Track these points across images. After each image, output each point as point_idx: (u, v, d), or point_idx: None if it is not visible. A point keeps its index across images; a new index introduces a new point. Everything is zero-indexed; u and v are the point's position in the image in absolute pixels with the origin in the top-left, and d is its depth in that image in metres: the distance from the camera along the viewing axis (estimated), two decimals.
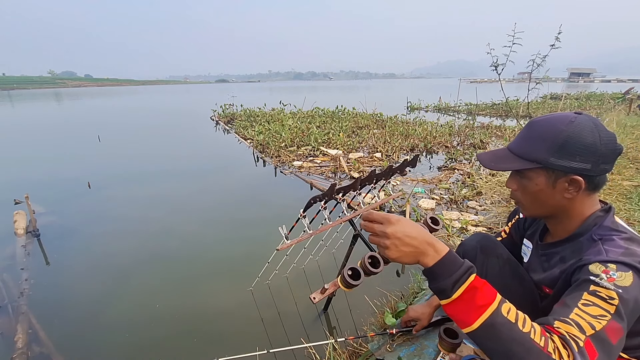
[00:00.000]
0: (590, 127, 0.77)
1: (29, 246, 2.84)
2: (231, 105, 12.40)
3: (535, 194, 0.85)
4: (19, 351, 1.71)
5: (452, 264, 0.66)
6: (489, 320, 0.63)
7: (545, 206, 0.86)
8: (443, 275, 0.66)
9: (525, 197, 0.89)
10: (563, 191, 0.81)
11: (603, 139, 0.76)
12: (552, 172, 0.81)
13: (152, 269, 2.56)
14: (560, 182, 0.81)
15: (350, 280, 1.43)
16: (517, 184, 0.89)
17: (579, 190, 0.80)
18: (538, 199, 0.86)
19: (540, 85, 5.27)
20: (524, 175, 0.86)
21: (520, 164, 0.84)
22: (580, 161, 0.77)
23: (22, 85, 76.69)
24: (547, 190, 0.83)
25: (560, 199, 0.83)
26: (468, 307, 0.64)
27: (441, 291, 0.67)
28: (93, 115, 15.23)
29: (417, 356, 1.41)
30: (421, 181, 4.20)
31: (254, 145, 6.70)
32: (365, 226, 0.71)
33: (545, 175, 0.82)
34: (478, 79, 79.68)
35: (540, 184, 0.83)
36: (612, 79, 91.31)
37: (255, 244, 2.86)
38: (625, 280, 0.66)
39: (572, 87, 32.07)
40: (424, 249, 0.67)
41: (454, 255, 0.68)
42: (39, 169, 5.52)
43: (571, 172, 0.78)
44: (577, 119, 0.78)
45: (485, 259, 1.09)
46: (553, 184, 0.82)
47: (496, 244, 1.14)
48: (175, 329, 1.92)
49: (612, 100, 12.85)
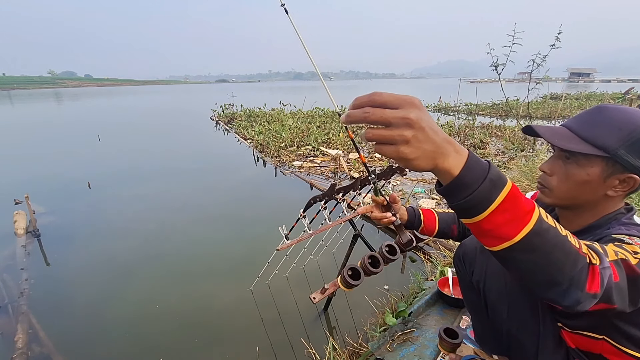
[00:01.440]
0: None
1: (29, 246, 2.84)
2: (231, 105, 12.40)
3: (579, 183, 0.78)
4: (19, 351, 1.71)
5: (479, 166, 0.49)
6: (537, 227, 0.51)
7: (579, 198, 0.81)
8: (475, 181, 0.48)
9: (563, 185, 0.82)
10: (609, 187, 0.76)
11: None
12: (612, 165, 0.74)
13: (152, 269, 2.56)
14: (614, 178, 0.75)
15: (350, 280, 1.43)
16: (560, 168, 0.81)
17: (627, 190, 0.75)
18: (579, 189, 0.79)
19: (540, 85, 5.26)
20: (576, 160, 0.78)
21: (585, 147, 0.75)
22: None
23: (22, 85, 76.75)
24: (595, 183, 0.77)
25: (600, 195, 0.78)
26: (513, 215, 0.50)
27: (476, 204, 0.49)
28: (93, 115, 15.23)
29: (417, 356, 1.41)
30: (421, 181, 4.20)
31: (254, 145, 6.70)
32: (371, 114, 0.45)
33: (603, 166, 0.75)
34: (478, 79, 79.73)
35: (592, 174, 0.76)
36: (612, 79, 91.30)
37: (255, 244, 2.86)
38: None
39: (572, 87, 32.07)
40: (445, 148, 0.47)
41: (476, 156, 0.50)
42: (39, 169, 5.52)
43: (632, 171, 0.73)
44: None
45: (485, 260, 1.04)
46: (605, 178, 0.76)
47: None
48: (176, 328, 1.93)
49: (612, 100, 12.85)
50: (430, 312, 1.70)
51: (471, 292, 1.09)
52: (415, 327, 1.59)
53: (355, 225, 1.83)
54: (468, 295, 1.12)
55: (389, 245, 1.61)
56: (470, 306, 1.14)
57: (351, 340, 1.64)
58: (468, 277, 1.08)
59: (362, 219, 3.13)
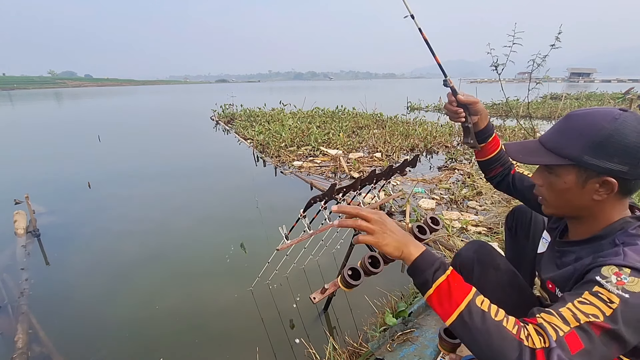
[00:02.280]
0: (635, 127, 0.71)
1: (29, 246, 2.84)
2: (231, 105, 12.40)
3: (561, 192, 0.80)
4: (19, 351, 1.71)
5: (431, 258, 0.74)
6: (466, 310, 0.67)
7: (570, 206, 0.82)
8: (425, 267, 0.73)
9: (550, 195, 0.84)
10: (592, 192, 0.76)
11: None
12: (584, 171, 0.75)
13: (152, 269, 2.56)
14: (591, 183, 0.75)
15: (350, 280, 1.43)
16: (544, 179, 0.84)
17: (610, 192, 0.75)
18: (564, 197, 0.81)
19: (540, 85, 5.26)
20: (552, 171, 0.81)
21: (550, 158, 0.79)
22: (617, 162, 0.71)
23: (22, 85, 76.73)
24: (575, 190, 0.78)
25: (587, 200, 0.78)
26: (448, 298, 0.69)
27: (423, 283, 0.73)
28: (93, 115, 15.23)
29: (417, 356, 1.41)
30: (421, 181, 4.20)
31: (254, 145, 6.70)
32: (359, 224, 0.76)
33: (576, 173, 0.76)
34: (478, 79, 79.70)
35: (569, 182, 0.78)
36: (612, 79, 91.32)
37: (255, 244, 2.86)
38: (636, 286, 0.63)
39: (572, 87, 32.07)
40: (404, 243, 0.75)
41: (431, 252, 0.76)
42: (39, 168, 5.51)
43: (605, 174, 0.73)
44: (621, 116, 0.72)
45: (482, 271, 1.05)
46: (583, 184, 0.76)
47: (493, 253, 1.10)
48: (176, 328, 1.93)
49: (612, 100, 12.85)
50: (430, 312, 1.70)
51: None
52: (415, 327, 1.59)
53: None
54: None
55: None
56: None
57: (351, 340, 1.64)
58: None
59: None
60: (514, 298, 1.00)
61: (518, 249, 1.27)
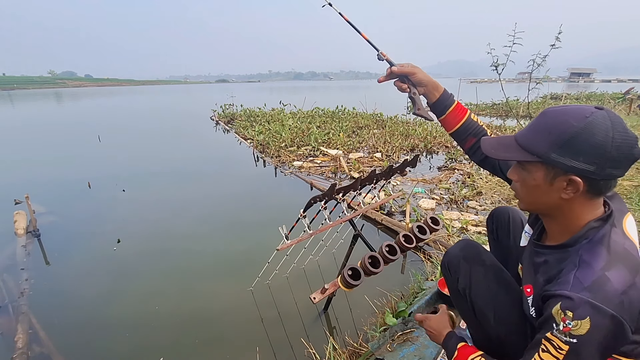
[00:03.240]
0: (605, 126, 0.70)
1: (29, 246, 2.84)
2: (231, 105, 12.40)
3: (532, 188, 0.82)
4: (19, 351, 1.71)
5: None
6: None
7: (540, 203, 0.83)
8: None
9: (522, 191, 0.85)
10: (560, 190, 0.77)
11: (616, 141, 0.70)
12: (551, 169, 0.76)
13: (152, 269, 2.56)
14: (559, 181, 0.76)
15: (350, 280, 1.43)
16: (518, 175, 0.85)
17: (577, 192, 0.75)
18: (534, 194, 0.82)
19: (540, 85, 5.27)
20: (524, 167, 0.82)
21: (520, 155, 0.80)
22: (583, 161, 0.71)
23: (22, 85, 76.71)
24: (543, 187, 0.79)
25: (556, 199, 0.78)
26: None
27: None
28: (93, 115, 15.24)
29: (417, 356, 1.41)
30: (421, 181, 4.21)
31: (254, 145, 6.70)
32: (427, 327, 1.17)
33: (545, 171, 0.77)
34: (478, 79, 79.70)
35: (538, 179, 0.79)
36: (612, 79, 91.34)
37: (256, 244, 2.86)
38: (580, 329, 0.66)
39: (572, 87, 32.07)
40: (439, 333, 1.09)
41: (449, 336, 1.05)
42: (39, 169, 5.52)
43: (571, 172, 0.73)
44: (592, 114, 0.71)
45: (469, 268, 1.07)
46: (551, 182, 0.77)
47: (479, 250, 1.11)
48: (176, 328, 1.93)
49: (613, 100, 12.84)
50: (430, 312, 1.70)
51: (460, 299, 1.11)
52: (415, 327, 1.59)
53: (355, 225, 1.83)
54: (457, 302, 1.14)
55: (389, 245, 1.61)
56: (462, 313, 1.15)
57: (351, 340, 1.64)
58: (455, 285, 1.10)
59: (363, 219, 3.13)
60: (501, 292, 1.02)
61: (502, 250, 1.28)
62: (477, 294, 1.03)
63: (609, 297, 0.66)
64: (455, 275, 1.09)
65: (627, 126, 0.73)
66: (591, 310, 0.66)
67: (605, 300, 0.66)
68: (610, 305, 0.66)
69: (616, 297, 0.66)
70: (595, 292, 0.67)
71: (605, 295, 0.66)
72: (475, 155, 1.16)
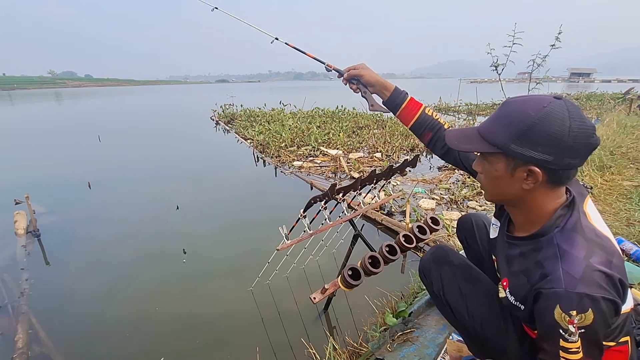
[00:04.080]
0: (562, 116, 0.70)
1: (29, 246, 2.84)
2: (231, 105, 12.39)
3: (494, 179, 0.82)
4: (19, 351, 1.71)
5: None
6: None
7: (503, 194, 0.83)
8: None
9: (486, 182, 0.86)
10: (521, 181, 0.77)
11: (573, 131, 0.70)
12: (512, 159, 0.76)
13: (152, 269, 2.56)
14: (519, 171, 0.76)
15: (350, 280, 1.43)
16: (482, 166, 0.86)
17: (537, 182, 0.75)
18: (497, 185, 0.82)
19: (540, 85, 5.27)
20: (486, 158, 0.83)
21: (482, 146, 0.80)
22: (541, 151, 0.71)
23: (22, 85, 76.67)
24: (505, 178, 0.79)
25: (518, 189, 0.79)
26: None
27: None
28: (93, 116, 15.23)
29: (417, 356, 1.41)
30: (421, 181, 4.20)
31: (254, 145, 6.70)
32: None
33: (505, 161, 0.78)
34: (478, 79, 79.67)
35: (500, 170, 0.79)
36: (612, 79, 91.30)
37: (256, 244, 2.86)
38: (586, 320, 0.69)
39: (572, 87, 32.07)
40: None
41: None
42: (40, 169, 5.52)
43: (530, 162, 0.74)
44: (550, 104, 0.71)
45: (438, 269, 1.12)
46: (512, 172, 0.78)
47: (447, 252, 1.15)
48: (176, 328, 1.93)
49: (613, 100, 12.84)
50: (430, 312, 1.70)
51: (438, 301, 1.15)
52: (415, 327, 1.59)
53: (355, 225, 1.83)
54: (438, 306, 1.19)
55: (389, 245, 1.61)
56: (444, 315, 1.18)
57: (351, 340, 1.64)
58: (431, 288, 1.15)
59: (363, 219, 3.13)
60: (469, 287, 1.06)
61: (475, 255, 1.32)
62: (449, 293, 1.08)
63: (600, 284, 0.69)
64: (429, 279, 1.15)
65: (584, 115, 0.73)
66: (591, 302, 0.68)
67: (599, 288, 0.69)
68: (604, 291, 0.69)
69: (604, 281, 0.70)
70: (588, 283, 0.69)
71: (597, 283, 0.69)
72: (436, 149, 1.18)
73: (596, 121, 8.32)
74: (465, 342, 1.19)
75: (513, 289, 0.86)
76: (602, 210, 2.85)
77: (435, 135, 1.15)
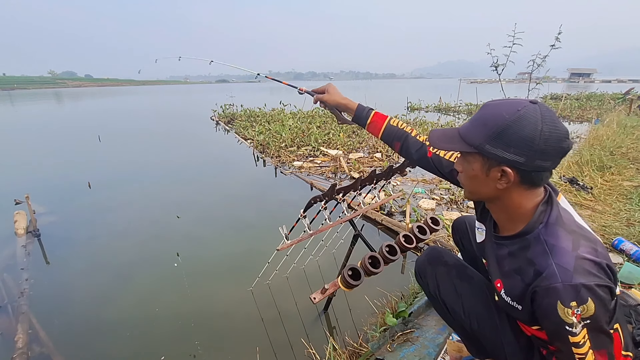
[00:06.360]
0: (534, 119, 0.73)
1: (29, 246, 2.84)
2: (231, 105, 12.39)
3: (472, 178, 0.85)
4: (19, 351, 1.71)
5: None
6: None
7: (480, 193, 0.87)
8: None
9: (464, 180, 0.89)
10: (495, 180, 0.80)
11: (544, 134, 0.72)
12: (487, 160, 0.80)
13: (153, 269, 2.56)
14: (493, 171, 0.79)
15: (350, 280, 1.43)
16: (462, 165, 0.89)
17: (509, 182, 0.78)
18: (474, 184, 0.86)
19: (540, 85, 5.26)
20: (465, 158, 0.86)
21: (460, 146, 0.83)
22: (514, 153, 0.74)
23: (22, 85, 76.67)
24: (481, 177, 0.83)
25: (493, 188, 0.82)
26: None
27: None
28: (93, 116, 15.23)
29: (417, 356, 1.41)
30: (421, 181, 4.20)
31: (254, 145, 6.70)
32: None
33: (481, 161, 0.81)
34: (478, 79, 79.68)
35: (476, 169, 0.83)
36: (612, 79, 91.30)
37: (256, 244, 2.86)
38: (588, 311, 0.71)
39: (572, 87, 32.08)
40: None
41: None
42: (40, 169, 5.52)
43: (503, 163, 0.77)
44: (524, 108, 0.75)
45: (433, 270, 1.14)
46: (487, 172, 0.81)
47: (441, 252, 1.18)
48: (176, 328, 1.93)
49: (613, 100, 12.84)
50: (430, 312, 1.70)
51: (435, 302, 1.16)
52: (415, 327, 1.59)
53: (355, 225, 1.83)
54: (435, 306, 1.19)
55: (389, 245, 1.61)
56: (441, 316, 1.19)
57: (351, 340, 1.64)
58: (427, 289, 1.17)
59: (363, 219, 3.13)
60: (464, 286, 1.08)
61: (471, 256, 1.33)
62: (445, 292, 1.10)
63: (593, 272, 0.72)
64: (425, 280, 1.17)
65: (558, 119, 0.75)
66: (588, 292, 0.71)
67: (593, 276, 0.71)
68: (598, 279, 0.72)
69: (595, 269, 0.72)
70: (582, 273, 0.71)
71: (590, 272, 0.72)
72: (408, 156, 1.22)
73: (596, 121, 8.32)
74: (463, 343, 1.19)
75: (508, 289, 0.86)
76: (602, 210, 2.85)
77: (404, 144, 1.20)
